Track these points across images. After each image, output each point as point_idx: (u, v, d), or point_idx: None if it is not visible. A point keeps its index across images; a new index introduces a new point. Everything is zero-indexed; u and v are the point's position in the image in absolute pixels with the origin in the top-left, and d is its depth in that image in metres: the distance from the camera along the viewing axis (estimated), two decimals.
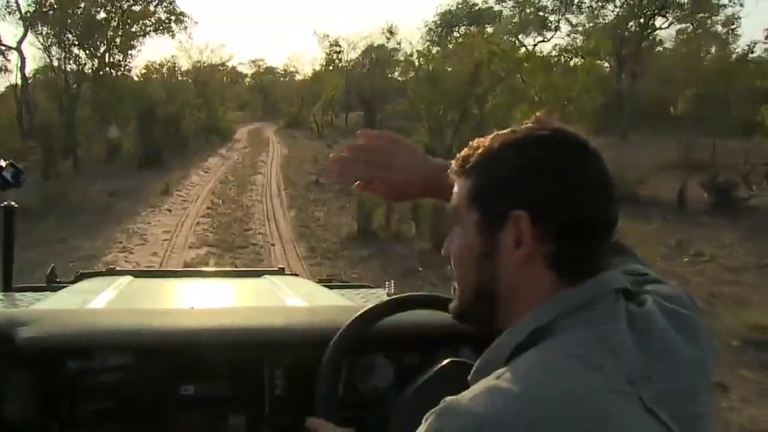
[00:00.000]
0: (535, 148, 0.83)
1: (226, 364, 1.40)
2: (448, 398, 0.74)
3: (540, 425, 0.69)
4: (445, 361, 1.21)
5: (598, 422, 0.70)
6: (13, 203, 2.38)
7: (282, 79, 59.21)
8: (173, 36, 29.78)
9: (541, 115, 0.89)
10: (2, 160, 2.07)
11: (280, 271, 2.99)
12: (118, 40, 24.64)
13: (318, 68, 42.30)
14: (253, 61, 58.05)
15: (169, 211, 12.98)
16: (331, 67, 41.39)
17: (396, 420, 1.19)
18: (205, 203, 13.71)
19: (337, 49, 40.33)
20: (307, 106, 44.76)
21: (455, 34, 43.17)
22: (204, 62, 39.31)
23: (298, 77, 50.59)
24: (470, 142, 0.90)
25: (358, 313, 1.30)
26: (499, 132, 0.88)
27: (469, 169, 0.88)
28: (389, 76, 39.99)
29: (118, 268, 3.15)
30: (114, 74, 24.31)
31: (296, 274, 3.41)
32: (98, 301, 1.87)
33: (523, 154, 0.83)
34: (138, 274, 2.63)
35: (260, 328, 1.46)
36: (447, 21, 42.98)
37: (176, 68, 38.77)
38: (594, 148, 0.84)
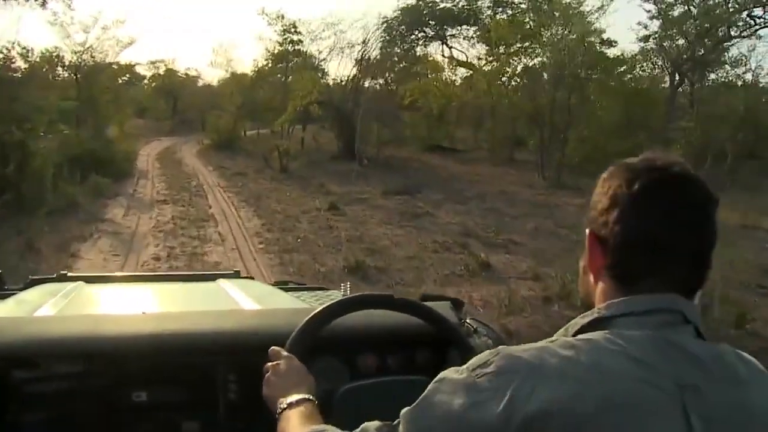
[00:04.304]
0: (611, 176, 0.92)
1: (178, 370, 1.38)
2: (503, 346, 0.84)
3: (571, 385, 0.76)
4: (400, 377, 1.32)
5: (619, 399, 0.76)
6: None
7: (197, 79, 45.92)
8: (44, 4, 17.34)
9: (651, 151, 0.93)
10: None
11: (235, 275, 2.89)
12: None
13: (263, 63, 29.15)
14: (152, 62, 43.93)
15: None
16: (281, 64, 28.62)
17: (338, 415, 1.18)
18: None
19: (294, 37, 27.60)
20: (241, 118, 31.91)
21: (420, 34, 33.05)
22: (91, 46, 25.26)
23: (223, 77, 37.01)
24: None
25: (362, 294, 1.45)
26: None
27: None
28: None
29: (69, 274, 2.67)
30: None
31: (252, 277, 3.38)
32: (48, 309, 1.82)
33: (603, 182, 0.93)
34: (89, 279, 2.56)
35: (213, 332, 1.45)
36: (412, 20, 31.81)
37: (55, 58, 25.00)
38: (680, 174, 0.87)
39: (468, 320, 1.62)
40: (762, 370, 0.89)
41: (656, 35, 25.62)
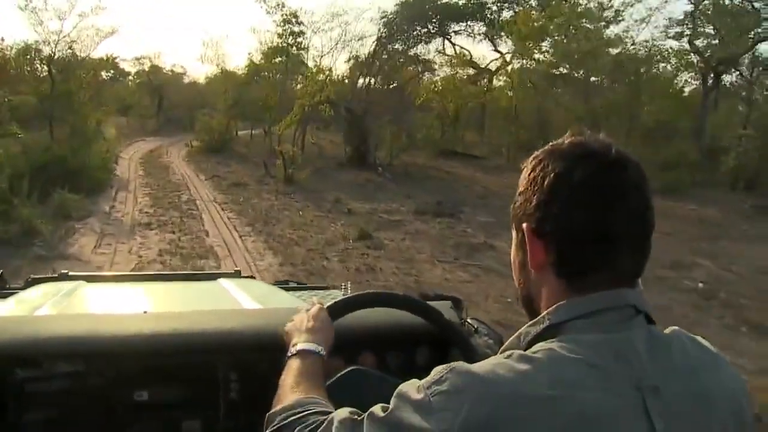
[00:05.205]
0: (542, 164, 0.86)
1: (179, 369, 1.37)
2: (459, 361, 0.81)
3: (531, 403, 0.73)
4: (346, 369, 1.22)
5: (583, 414, 0.73)
6: None
7: (182, 76, 43.10)
8: None
9: (575, 129, 0.89)
10: None
11: (236, 274, 2.91)
12: None
13: (259, 57, 26.17)
14: (137, 58, 41.06)
15: None
16: (279, 58, 25.67)
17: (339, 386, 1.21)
18: None
19: (295, 28, 24.66)
20: (233, 118, 29.02)
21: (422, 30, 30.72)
22: (68, 36, 22.15)
23: (212, 74, 33.96)
24: None
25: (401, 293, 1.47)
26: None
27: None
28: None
29: (70, 273, 2.68)
30: None
31: (252, 277, 3.44)
32: (49, 308, 1.83)
33: (532, 171, 0.87)
34: (91, 278, 2.57)
35: (214, 332, 1.44)
36: (412, 15, 29.37)
37: (33, 51, 22.02)
38: (619, 159, 0.83)
39: (469, 319, 1.59)
40: (713, 352, 0.88)
41: (688, 29, 23.16)
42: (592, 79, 18.87)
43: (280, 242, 9.85)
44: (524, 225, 0.87)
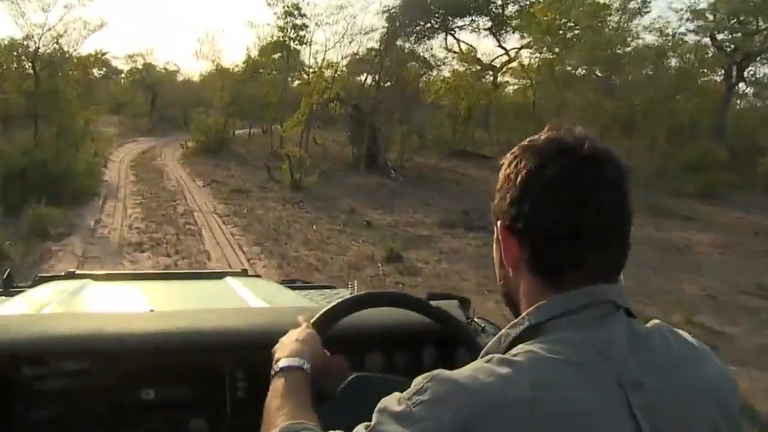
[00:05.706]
0: (516, 161, 0.84)
1: (186, 367, 1.36)
2: (439, 369, 0.78)
3: (513, 407, 0.72)
4: (348, 379, 1.17)
5: (567, 413, 0.72)
6: None
7: (176, 74, 41.54)
8: None
9: (553, 124, 0.87)
10: None
11: (243, 273, 2.88)
12: None
13: (258, 53, 24.60)
14: (130, 56, 39.36)
15: None
16: (279, 54, 24.14)
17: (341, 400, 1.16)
18: None
19: (298, 21, 23.08)
20: (231, 117, 27.47)
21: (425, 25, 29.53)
22: (53, 29, 20.53)
23: (207, 71, 32.44)
24: None
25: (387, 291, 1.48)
26: None
27: None
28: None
29: (77, 272, 2.76)
30: None
31: (258, 276, 3.43)
32: (56, 306, 1.84)
33: (508, 167, 0.86)
34: (97, 277, 2.54)
35: (221, 330, 1.43)
36: (415, 9, 28.22)
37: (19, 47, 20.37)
38: (593, 154, 0.81)
39: (476, 319, 1.57)
40: (696, 346, 0.87)
41: (710, 23, 21.81)
42: (621, 75, 17.35)
43: (297, 267, 8.34)
44: (499, 222, 0.86)
